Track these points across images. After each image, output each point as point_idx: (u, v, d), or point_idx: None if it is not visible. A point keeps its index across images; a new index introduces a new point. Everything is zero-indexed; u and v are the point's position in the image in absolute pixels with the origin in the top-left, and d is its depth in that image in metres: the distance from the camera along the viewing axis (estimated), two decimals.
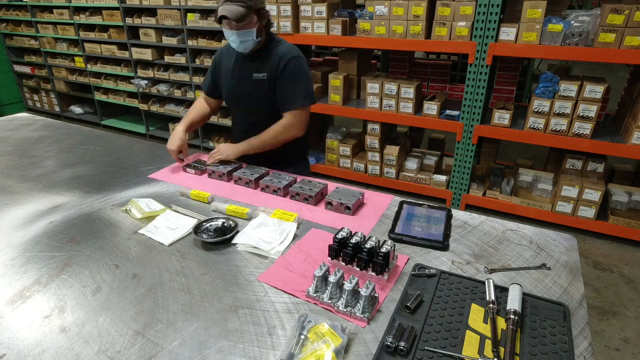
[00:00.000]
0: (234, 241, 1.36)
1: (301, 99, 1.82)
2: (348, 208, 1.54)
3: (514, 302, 1.04)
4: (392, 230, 1.42)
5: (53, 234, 1.43)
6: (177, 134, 1.92)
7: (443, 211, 1.56)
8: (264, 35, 1.80)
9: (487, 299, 1.08)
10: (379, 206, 1.61)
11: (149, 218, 1.52)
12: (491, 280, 1.13)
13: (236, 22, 1.65)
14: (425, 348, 0.95)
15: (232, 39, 1.73)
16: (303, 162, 2.12)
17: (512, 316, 1.00)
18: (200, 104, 2.09)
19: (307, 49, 4.69)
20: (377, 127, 3.76)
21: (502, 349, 0.95)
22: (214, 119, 4.76)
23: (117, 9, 4.80)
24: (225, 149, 1.90)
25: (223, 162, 1.90)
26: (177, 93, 4.92)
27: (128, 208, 1.58)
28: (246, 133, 1.91)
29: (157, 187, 1.78)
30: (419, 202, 1.64)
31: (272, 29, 1.87)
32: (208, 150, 4.89)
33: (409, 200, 1.65)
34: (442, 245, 1.35)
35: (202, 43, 4.42)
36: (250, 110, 1.94)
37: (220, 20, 1.68)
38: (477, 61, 3.07)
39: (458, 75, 5.15)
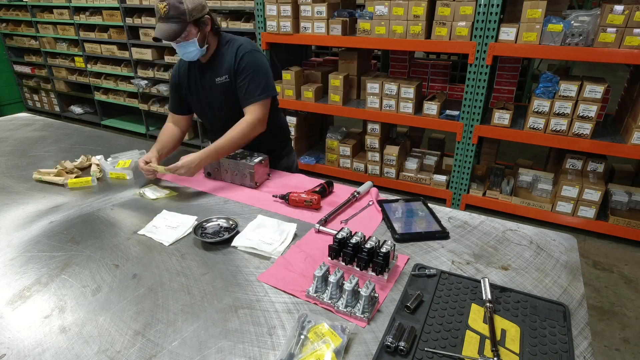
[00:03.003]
0: (233, 244, 1.35)
1: (258, 93, 1.76)
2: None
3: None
4: (394, 232, 1.42)
5: (53, 234, 1.43)
6: (148, 154, 1.80)
7: (419, 202, 1.63)
8: (212, 41, 1.76)
9: (484, 298, 1.08)
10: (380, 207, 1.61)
11: (162, 199, 1.63)
12: (486, 279, 1.13)
13: (170, 41, 1.61)
14: (425, 348, 0.95)
15: (177, 50, 1.70)
16: (287, 154, 2.08)
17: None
18: (168, 128, 1.98)
19: (307, 49, 4.69)
20: (377, 127, 3.76)
21: (501, 349, 0.95)
22: None
23: (117, 9, 4.80)
24: (188, 166, 1.65)
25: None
26: None
27: (141, 192, 1.67)
28: (221, 134, 1.79)
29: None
30: (393, 197, 1.67)
31: (218, 29, 1.80)
32: None
33: (384, 198, 1.66)
34: (444, 233, 1.40)
35: None
36: (224, 114, 1.87)
37: (155, 40, 1.66)
38: (477, 61, 3.07)
39: (458, 75, 5.16)
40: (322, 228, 1.41)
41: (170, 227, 1.45)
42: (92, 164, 1.92)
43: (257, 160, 1.75)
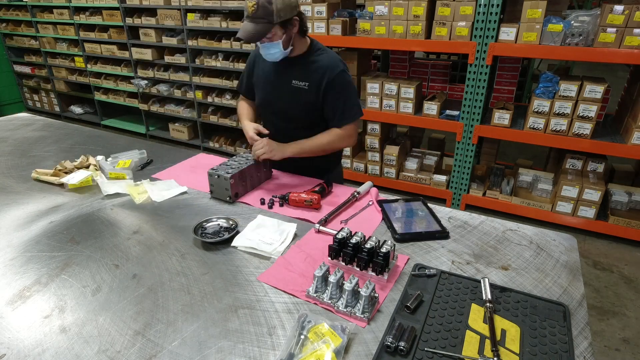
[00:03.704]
0: (233, 244, 1.35)
1: (353, 113, 1.75)
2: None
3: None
4: (394, 232, 1.42)
5: (53, 234, 1.43)
6: (249, 124, 1.79)
7: (419, 202, 1.62)
8: (299, 42, 1.70)
9: (484, 298, 1.08)
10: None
11: (165, 201, 1.67)
12: (486, 279, 1.13)
13: (252, 42, 1.57)
14: (425, 348, 0.95)
15: (261, 50, 1.66)
16: (336, 170, 2.04)
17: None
18: (246, 103, 1.98)
19: None
20: (377, 127, 3.76)
21: (501, 349, 0.95)
22: (213, 119, 4.77)
23: (117, 9, 4.80)
24: (273, 148, 1.68)
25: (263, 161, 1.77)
26: (177, 93, 4.92)
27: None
28: (277, 140, 1.76)
29: None
30: (393, 197, 1.66)
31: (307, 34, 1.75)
32: (208, 150, 4.90)
33: (384, 198, 1.66)
34: (444, 233, 1.40)
35: (202, 43, 4.42)
36: (285, 117, 1.82)
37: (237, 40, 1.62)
38: (477, 61, 3.07)
39: (458, 75, 5.15)
40: (322, 228, 1.41)
41: (164, 189, 1.63)
42: (90, 164, 1.92)
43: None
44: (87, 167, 1.91)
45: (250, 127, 1.75)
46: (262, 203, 1.62)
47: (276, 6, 1.50)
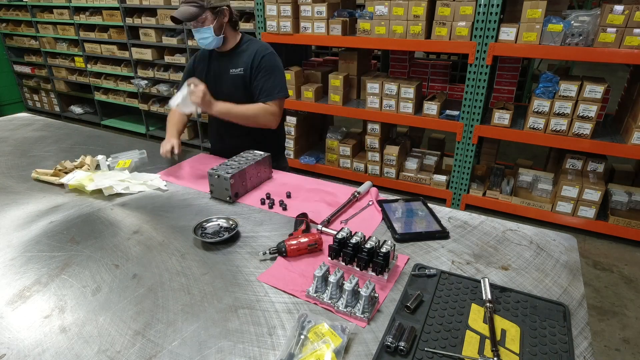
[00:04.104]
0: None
1: (277, 91, 1.91)
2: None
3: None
4: (394, 232, 1.42)
5: (53, 234, 1.43)
6: (169, 139, 1.97)
7: (419, 202, 1.62)
8: (231, 34, 1.92)
9: (484, 298, 1.08)
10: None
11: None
12: (486, 279, 1.13)
13: (186, 21, 1.77)
14: (425, 348, 0.95)
15: (195, 35, 1.86)
16: (281, 157, 2.21)
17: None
18: (175, 113, 2.12)
19: (307, 49, 4.69)
20: (377, 127, 3.76)
21: (501, 349, 0.95)
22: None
23: (117, 9, 4.80)
24: (206, 99, 1.75)
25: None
26: None
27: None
28: (223, 127, 2.02)
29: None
30: (393, 197, 1.66)
31: (238, 28, 1.97)
32: (208, 150, 4.90)
33: (384, 198, 1.66)
34: (444, 233, 1.40)
35: None
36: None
37: (172, 19, 1.77)
38: (477, 61, 3.07)
39: (458, 75, 5.16)
40: (324, 229, 1.41)
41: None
42: (84, 164, 1.91)
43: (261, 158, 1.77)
44: (81, 167, 1.90)
45: (167, 141, 1.95)
46: (262, 203, 1.62)
47: None
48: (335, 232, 1.27)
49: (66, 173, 1.83)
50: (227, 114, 1.85)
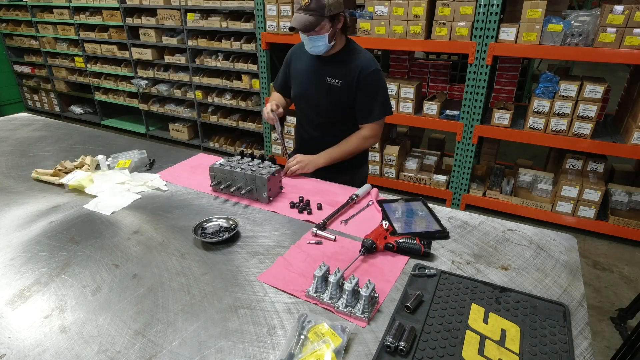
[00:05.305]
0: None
1: (380, 112, 1.84)
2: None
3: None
4: (394, 232, 1.42)
5: (53, 234, 1.43)
6: (270, 103, 1.89)
7: (419, 202, 1.62)
8: (339, 39, 1.78)
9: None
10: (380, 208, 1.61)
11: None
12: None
13: (306, 32, 1.65)
14: (425, 348, 0.95)
15: (305, 42, 1.74)
16: (362, 169, 2.10)
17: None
18: (278, 95, 2.07)
19: None
20: None
21: (501, 349, 0.95)
22: (213, 119, 4.77)
23: (117, 9, 4.80)
24: (306, 163, 1.85)
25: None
26: (177, 93, 4.92)
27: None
28: (313, 132, 1.97)
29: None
30: (393, 197, 1.66)
31: (348, 33, 1.85)
32: (208, 150, 4.90)
33: (384, 198, 1.66)
34: (444, 233, 1.40)
35: (202, 43, 4.42)
36: (317, 109, 1.91)
37: (291, 29, 1.68)
38: (477, 61, 3.07)
39: (458, 75, 5.15)
40: (319, 232, 1.41)
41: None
42: (84, 164, 1.90)
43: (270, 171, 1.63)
44: (81, 167, 1.90)
45: (268, 105, 1.88)
46: (292, 206, 1.59)
47: (328, 0, 1.61)
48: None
49: (66, 173, 1.83)
50: (332, 161, 1.87)
